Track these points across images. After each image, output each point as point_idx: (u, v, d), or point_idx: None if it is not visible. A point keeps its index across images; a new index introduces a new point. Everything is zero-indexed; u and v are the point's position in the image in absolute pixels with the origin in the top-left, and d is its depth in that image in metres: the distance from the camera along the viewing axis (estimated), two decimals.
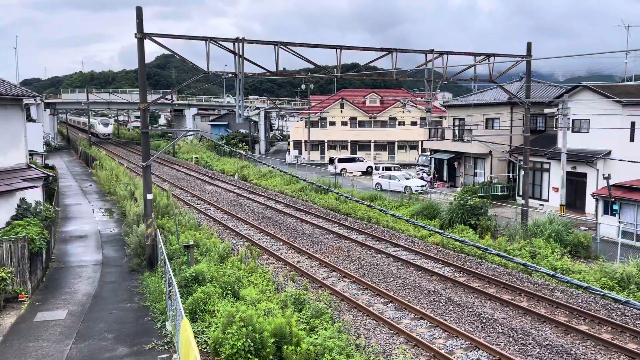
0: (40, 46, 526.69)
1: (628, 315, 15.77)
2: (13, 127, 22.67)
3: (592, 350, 13.51)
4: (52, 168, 39.10)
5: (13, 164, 22.55)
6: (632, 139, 29.78)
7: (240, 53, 19.69)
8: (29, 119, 53.53)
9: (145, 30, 18.56)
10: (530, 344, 13.98)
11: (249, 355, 11.24)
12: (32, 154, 33.98)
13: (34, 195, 21.82)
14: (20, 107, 23.16)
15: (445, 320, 15.55)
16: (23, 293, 16.29)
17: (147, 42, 18.87)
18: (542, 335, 14.46)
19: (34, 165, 25.44)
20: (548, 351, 13.54)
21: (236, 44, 19.69)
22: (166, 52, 21.32)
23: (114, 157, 60.63)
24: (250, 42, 20.20)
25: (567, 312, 16.07)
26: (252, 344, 11.34)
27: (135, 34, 18.46)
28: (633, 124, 29.57)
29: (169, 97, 74.28)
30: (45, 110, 75.44)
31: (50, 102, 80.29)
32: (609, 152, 29.69)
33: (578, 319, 15.57)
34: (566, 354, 13.36)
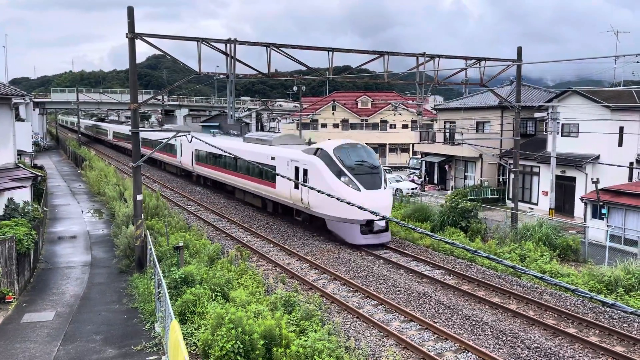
0: (30, 45, 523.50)
1: (615, 318, 15.89)
2: (1, 126, 22.48)
3: (580, 353, 13.60)
4: (41, 168, 38.80)
5: (1, 163, 22.35)
6: (620, 144, 30.11)
7: (232, 54, 19.67)
8: (18, 118, 53.00)
9: (136, 31, 18.49)
10: (519, 346, 14.05)
11: (238, 357, 11.20)
12: (20, 153, 33.67)
13: (22, 196, 21.64)
14: (9, 107, 22.96)
15: (435, 322, 15.58)
16: (10, 294, 16.12)
17: (138, 42, 18.80)
18: (530, 337, 14.53)
19: (22, 165, 25.23)
20: (537, 354, 13.61)
21: (228, 45, 19.67)
22: (157, 52, 21.20)
23: (103, 157, 60.24)
24: (242, 43, 20.20)
25: (556, 315, 16.17)
26: (241, 346, 11.30)
27: (127, 33, 18.38)
28: (621, 128, 29.89)
29: (159, 97, 73.98)
30: (34, 110, 74.85)
31: (40, 101, 79.67)
32: (598, 157, 29.97)
33: (566, 322, 15.67)
34: (554, 356, 13.44)
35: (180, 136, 20.89)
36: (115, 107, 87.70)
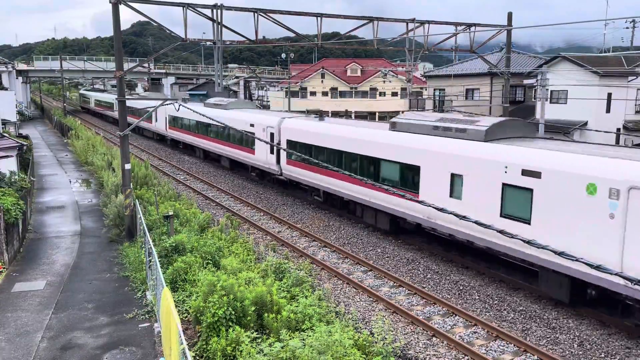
0: (11, 12, 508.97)
1: None
2: None
3: (564, 315, 13.97)
4: (26, 138, 38.33)
5: None
6: (608, 110, 30.26)
7: (219, 20, 19.30)
8: (1, 87, 52.00)
9: None
10: (505, 309, 14.38)
11: (230, 323, 11.35)
12: (4, 123, 33.17)
13: (8, 165, 21.40)
14: None
15: (424, 287, 15.86)
16: (0, 264, 16.10)
17: (122, 8, 18.34)
18: (516, 301, 14.86)
19: (7, 135, 24.86)
20: (522, 316, 13.95)
21: (214, 10, 19.28)
22: (142, 19, 20.84)
23: (90, 126, 59.48)
24: (229, 8, 19.79)
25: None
26: (233, 312, 11.44)
27: None
28: (609, 95, 29.99)
29: (145, 65, 72.72)
30: (17, 79, 73.35)
31: (23, 70, 77.99)
32: (586, 123, 30.12)
33: None
34: (539, 318, 13.79)
35: (167, 104, 20.65)
36: (101, 75, 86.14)
